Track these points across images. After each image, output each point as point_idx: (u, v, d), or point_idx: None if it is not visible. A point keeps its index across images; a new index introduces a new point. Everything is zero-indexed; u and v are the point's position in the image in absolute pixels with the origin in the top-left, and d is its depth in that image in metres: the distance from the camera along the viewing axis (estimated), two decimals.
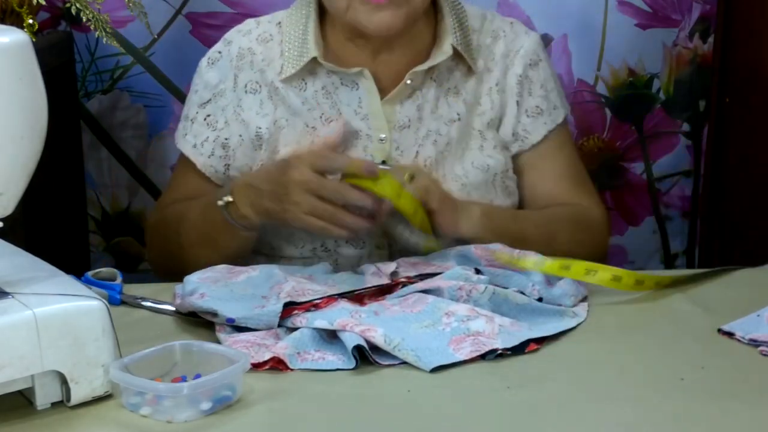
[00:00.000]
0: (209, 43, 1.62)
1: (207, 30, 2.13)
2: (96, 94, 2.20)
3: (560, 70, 2.21)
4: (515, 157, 1.59)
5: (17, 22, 1.78)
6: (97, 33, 1.81)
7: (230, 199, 1.45)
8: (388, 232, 1.50)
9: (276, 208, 1.41)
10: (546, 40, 2.19)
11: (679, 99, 2.26)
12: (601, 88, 2.24)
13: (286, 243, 1.53)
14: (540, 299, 1.33)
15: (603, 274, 1.35)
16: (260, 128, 1.54)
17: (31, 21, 1.80)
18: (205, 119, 1.58)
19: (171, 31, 2.16)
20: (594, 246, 1.58)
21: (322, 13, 1.55)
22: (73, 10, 1.80)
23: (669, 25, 2.21)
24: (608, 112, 2.26)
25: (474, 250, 1.42)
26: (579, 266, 1.35)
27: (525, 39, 1.59)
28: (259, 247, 1.56)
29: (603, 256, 1.61)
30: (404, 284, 1.34)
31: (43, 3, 1.78)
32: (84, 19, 1.81)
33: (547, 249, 1.43)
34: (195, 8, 2.15)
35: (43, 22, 2.08)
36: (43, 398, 1.06)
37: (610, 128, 2.27)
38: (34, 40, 1.46)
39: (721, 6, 2.20)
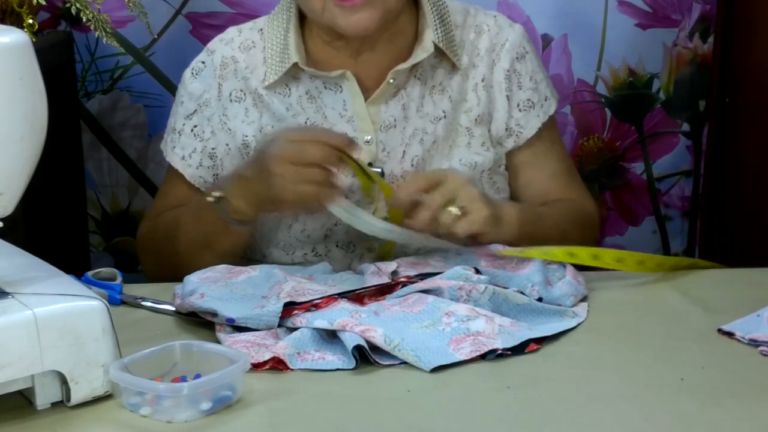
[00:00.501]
0: (209, 43, 1.62)
1: (207, 30, 2.13)
2: (96, 94, 2.20)
3: (560, 70, 2.21)
4: (509, 155, 1.59)
5: (17, 22, 1.78)
6: (97, 33, 1.82)
7: (220, 194, 1.43)
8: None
9: (263, 190, 1.39)
10: (546, 40, 2.20)
11: (679, 99, 2.26)
12: (601, 88, 2.24)
13: (277, 249, 1.53)
14: (540, 299, 1.33)
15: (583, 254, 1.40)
16: (246, 136, 1.54)
17: (31, 21, 1.80)
18: (192, 130, 1.58)
19: (171, 31, 2.16)
20: (591, 240, 1.60)
21: (302, 18, 1.55)
22: (73, 10, 1.80)
23: (669, 25, 2.21)
24: (608, 112, 2.26)
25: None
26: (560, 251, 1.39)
27: (509, 32, 1.58)
28: (250, 254, 1.56)
29: None
30: (404, 284, 1.34)
31: (43, 3, 1.78)
32: (84, 19, 1.81)
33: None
34: (195, 8, 2.15)
35: (43, 22, 2.08)
36: (43, 398, 1.06)
37: (610, 128, 2.27)
38: (34, 40, 1.47)
39: (721, 6, 2.20)
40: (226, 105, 1.56)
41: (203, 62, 1.59)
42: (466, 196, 1.37)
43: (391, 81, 1.51)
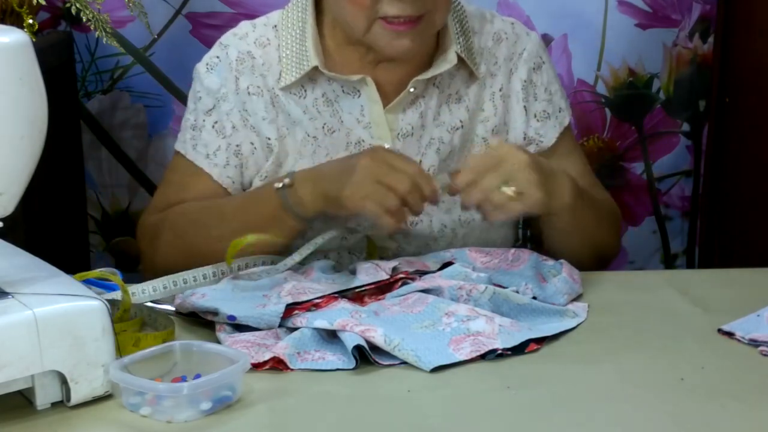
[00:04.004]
0: (209, 43, 1.61)
1: (207, 30, 2.13)
2: (96, 94, 2.20)
3: (560, 70, 2.21)
4: None
5: (17, 22, 1.78)
6: (97, 33, 1.82)
7: (289, 181, 1.39)
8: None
9: (335, 188, 1.36)
10: (546, 40, 2.20)
11: (679, 99, 2.26)
12: (601, 88, 2.24)
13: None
14: (534, 298, 1.33)
15: None
16: (269, 139, 1.50)
17: (31, 21, 1.80)
18: (213, 126, 1.53)
19: (171, 31, 2.16)
20: (618, 237, 1.61)
21: (318, 15, 1.51)
22: (73, 10, 1.80)
23: (669, 25, 2.22)
24: (608, 112, 2.26)
25: (468, 252, 1.42)
26: None
27: (527, 41, 1.58)
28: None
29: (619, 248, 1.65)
30: (404, 281, 1.34)
31: (43, 3, 1.78)
32: (84, 19, 1.81)
33: (594, 231, 1.48)
34: (195, 8, 2.15)
35: (43, 22, 2.09)
36: (43, 398, 1.06)
37: (610, 128, 2.27)
38: (34, 40, 1.47)
39: (721, 6, 2.20)
40: (245, 99, 1.51)
41: (218, 57, 1.54)
42: (524, 179, 1.36)
43: (412, 90, 1.49)
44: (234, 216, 1.45)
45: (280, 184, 1.40)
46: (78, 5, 1.79)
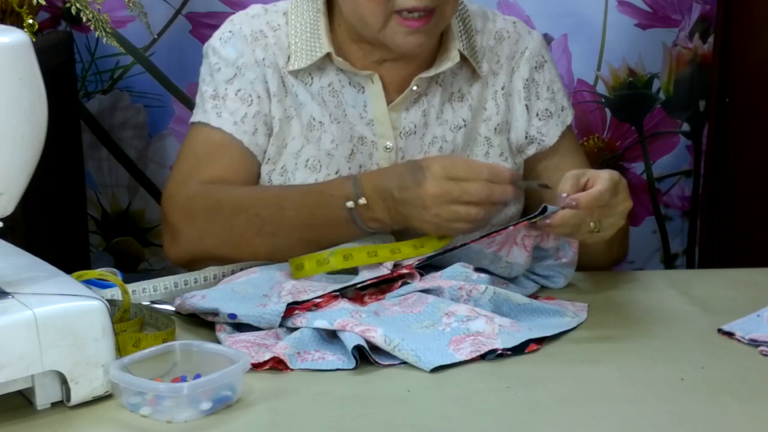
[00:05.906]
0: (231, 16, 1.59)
1: (207, 30, 2.13)
2: (96, 94, 2.20)
3: (560, 69, 2.20)
4: (531, 161, 1.58)
5: (17, 22, 1.78)
6: (97, 33, 1.82)
7: (364, 201, 1.36)
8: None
9: (415, 219, 1.34)
10: (546, 40, 2.19)
11: (679, 99, 2.26)
12: (601, 88, 2.24)
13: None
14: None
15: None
16: (274, 117, 1.49)
17: (31, 21, 1.80)
18: (236, 94, 1.49)
19: (171, 31, 2.16)
20: (628, 243, 1.61)
21: (329, 10, 1.52)
22: (73, 10, 1.80)
23: (669, 25, 2.22)
24: (608, 112, 2.26)
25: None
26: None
27: (529, 39, 1.58)
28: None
29: None
30: (404, 282, 1.34)
31: (43, 3, 1.78)
32: (84, 19, 1.81)
33: (616, 251, 1.50)
34: (195, 8, 2.15)
35: (43, 22, 2.09)
36: (43, 398, 1.06)
37: (610, 128, 2.27)
38: (34, 40, 1.47)
39: (721, 6, 2.20)
40: (264, 71, 1.50)
41: (231, 31, 1.52)
42: (615, 224, 1.35)
43: (415, 88, 1.49)
44: (296, 216, 1.40)
45: (352, 204, 1.36)
46: (78, 5, 1.79)
